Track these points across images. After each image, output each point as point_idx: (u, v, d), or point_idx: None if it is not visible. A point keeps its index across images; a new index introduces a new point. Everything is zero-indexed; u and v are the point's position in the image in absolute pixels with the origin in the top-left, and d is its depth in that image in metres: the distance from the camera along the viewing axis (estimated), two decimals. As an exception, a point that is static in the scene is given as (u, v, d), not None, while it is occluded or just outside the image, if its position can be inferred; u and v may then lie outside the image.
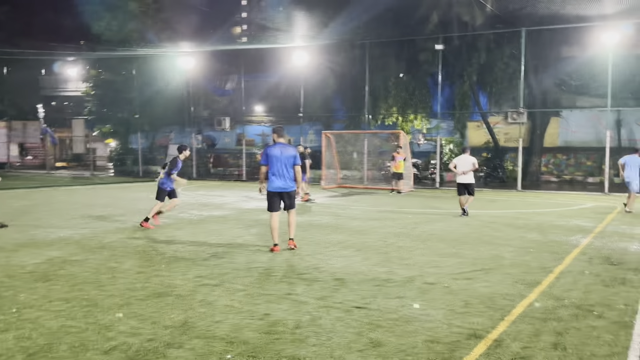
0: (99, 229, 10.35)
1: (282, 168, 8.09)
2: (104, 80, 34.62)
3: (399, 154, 20.12)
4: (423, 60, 27.34)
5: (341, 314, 5.11)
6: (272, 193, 8.26)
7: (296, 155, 8.28)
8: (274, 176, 8.14)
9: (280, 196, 8.26)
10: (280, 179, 8.14)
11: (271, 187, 8.23)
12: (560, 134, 29.08)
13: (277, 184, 8.16)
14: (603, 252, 8.42)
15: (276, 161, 8.08)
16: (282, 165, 8.09)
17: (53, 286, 6.04)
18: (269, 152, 8.13)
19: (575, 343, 4.39)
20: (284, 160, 8.10)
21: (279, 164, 8.08)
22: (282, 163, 8.10)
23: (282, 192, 8.22)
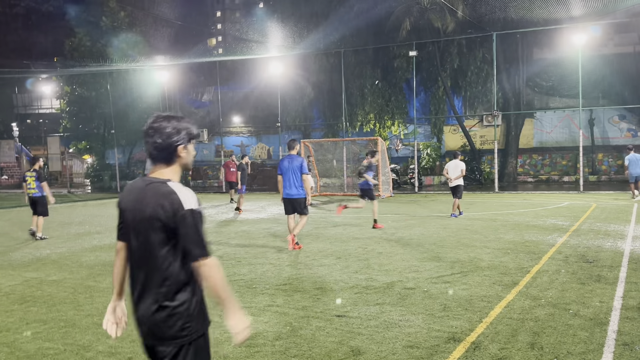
0: (76, 248, 10.21)
1: (290, 177, 9.02)
2: (78, 96, 34.23)
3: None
4: (398, 66, 27.71)
5: (322, 323, 5.13)
6: (284, 200, 9.24)
7: (302, 164, 9.06)
8: (285, 185, 9.10)
9: (290, 202, 9.13)
10: (289, 187, 9.06)
11: (283, 195, 9.20)
12: (535, 135, 29.63)
13: (286, 192, 9.11)
14: (579, 250, 8.59)
15: (286, 171, 9.06)
16: (291, 174, 9.01)
17: (30, 308, 5.94)
18: (280, 163, 9.23)
19: (552, 342, 4.48)
20: (292, 170, 9.02)
21: (288, 174, 9.05)
22: (291, 172, 9.02)
23: (291, 198, 9.09)
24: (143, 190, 2.47)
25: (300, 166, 9.04)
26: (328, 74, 29.24)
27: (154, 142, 2.48)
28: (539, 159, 29.50)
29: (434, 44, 26.80)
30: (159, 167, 2.52)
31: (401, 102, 29.34)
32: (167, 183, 2.44)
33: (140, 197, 2.46)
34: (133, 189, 2.55)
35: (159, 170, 2.52)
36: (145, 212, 2.41)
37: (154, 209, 2.38)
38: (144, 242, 2.44)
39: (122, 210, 2.58)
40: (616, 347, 4.31)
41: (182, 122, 2.53)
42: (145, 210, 2.41)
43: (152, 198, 2.41)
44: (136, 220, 2.46)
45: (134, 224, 2.47)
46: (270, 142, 35.93)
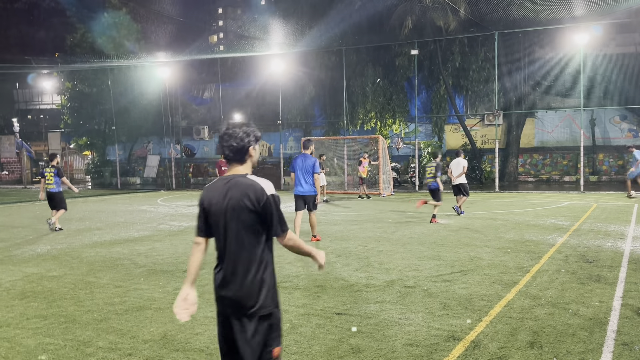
0: (76, 244, 10.22)
1: (303, 175, 9.56)
2: (79, 92, 34.26)
3: (365, 159, 20.37)
4: (399, 65, 27.69)
5: (322, 320, 5.14)
6: (296, 196, 9.77)
7: (315, 164, 9.62)
8: (297, 182, 9.65)
9: (302, 198, 9.66)
10: (301, 184, 9.62)
11: (295, 191, 9.75)
12: (536, 135, 29.62)
13: (298, 188, 9.67)
14: (579, 250, 8.59)
15: (298, 169, 9.61)
16: (303, 172, 9.55)
17: (30, 303, 5.95)
18: (293, 162, 9.77)
19: (551, 341, 4.48)
20: (304, 169, 9.55)
21: (301, 172, 9.58)
22: (303, 171, 9.56)
23: (303, 195, 9.65)
24: (226, 186, 2.91)
25: (313, 165, 9.58)
26: (329, 71, 29.22)
27: (229, 145, 2.94)
28: (540, 158, 29.50)
29: (436, 43, 26.78)
30: (234, 166, 2.99)
31: (402, 100, 29.32)
32: (247, 176, 2.92)
33: (225, 191, 2.88)
34: (215, 187, 2.96)
35: (234, 168, 2.99)
36: (233, 202, 2.84)
37: (240, 199, 2.83)
38: (233, 230, 2.86)
39: (206, 207, 2.95)
40: (615, 347, 4.32)
41: (249, 127, 2.99)
42: (233, 201, 2.84)
43: (237, 190, 2.85)
44: (224, 211, 2.86)
45: (223, 215, 2.88)
46: (271, 139, 35.90)
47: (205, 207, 2.95)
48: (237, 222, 2.85)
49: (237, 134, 2.95)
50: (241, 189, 2.86)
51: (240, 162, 2.99)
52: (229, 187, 2.89)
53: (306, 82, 30.23)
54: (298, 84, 29.97)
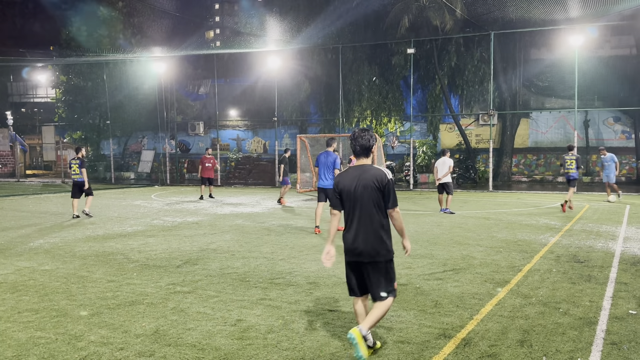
0: (69, 238, 10.19)
1: (324, 170, 10.42)
2: (74, 86, 34.05)
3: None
4: (395, 63, 27.70)
5: (314, 317, 5.15)
6: (319, 189, 10.68)
7: (335, 161, 10.38)
8: (320, 176, 10.52)
9: (324, 191, 10.52)
10: (323, 179, 10.47)
11: (318, 184, 10.68)
12: (530, 135, 29.72)
13: (320, 183, 10.56)
14: (570, 250, 8.65)
15: (322, 165, 10.45)
16: (325, 167, 10.41)
17: (22, 297, 5.94)
18: (318, 157, 10.64)
19: (541, 340, 4.52)
20: (326, 164, 10.40)
21: (323, 167, 10.44)
22: (325, 166, 10.41)
23: (325, 188, 10.41)
24: (358, 172, 4.18)
25: (334, 162, 10.41)
26: (326, 69, 29.21)
27: (360, 144, 4.24)
28: (534, 159, 29.61)
29: (432, 42, 26.82)
30: (362, 159, 4.27)
31: (398, 99, 29.35)
32: (373, 166, 4.20)
33: (358, 176, 4.16)
34: (348, 174, 4.24)
35: (362, 160, 4.27)
36: (364, 183, 4.10)
37: (370, 180, 4.10)
38: (364, 203, 4.12)
39: (341, 188, 4.22)
40: (604, 346, 4.36)
41: (371, 133, 4.30)
42: (364, 181, 4.11)
43: (367, 175, 4.13)
44: (356, 190, 4.14)
45: (355, 193, 4.15)
46: (267, 136, 35.87)
47: (340, 188, 4.22)
48: (366, 198, 4.10)
49: (365, 136, 4.24)
50: (370, 173, 4.12)
51: (366, 156, 4.26)
52: (360, 172, 4.15)
53: (302, 79, 30.20)
54: (294, 80, 29.93)
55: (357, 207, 4.14)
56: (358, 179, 4.13)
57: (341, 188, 4.22)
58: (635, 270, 7.08)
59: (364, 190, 4.10)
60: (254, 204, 17.67)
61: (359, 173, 4.15)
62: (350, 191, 4.16)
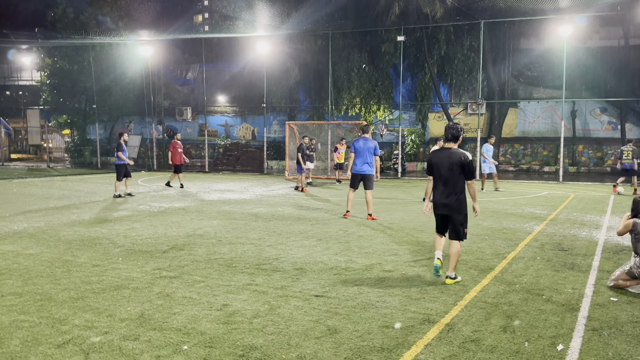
0: (54, 222, 10.09)
1: (365, 156, 10.60)
2: (59, 69, 33.53)
3: (342, 145, 20.42)
4: (385, 51, 27.62)
5: (300, 302, 5.17)
6: (354, 174, 10.80)
7: (376, 147, 10.65)
8: (356, 162, 10.68)
9: (361, 177, 10.71)
10: (361, 164, 10.63)
11: (354, 170, 10.76)
12: (518, 125, 29.92)
13: (357, 168, 10.69)
14: (555, 238, 8.75)
15: (361, 151, 10.60)
16: (366, 153, 10.59)
17: (5, 280, 5.88)
18: (355, 143, 10.71)
19: (524, 326, 4.58)
20: (367, 150, 10.58)
21: (363, 153, 10.60)
22: (366, 152, 10.59)
23: (362, 174, 10.67)
24: (448, 152, 5.92)
25: (375, 148, 10.67)
26: (315, 55, 29.05)
27: (452, 133, 5.96)
28: (521, 148, 29.84)
29: (422, 30, 26.76)
30: (450, 143, 5.99)
31: (387, 87, 29.31)
32: (459, 149, 5.92)
33: (449, 155, 5.91)
34: (441, 153, 6.01)
35: (451, 144, 5.99)
36: (453, 160, 5.85)
37: (458, 159, 5.83)
38: (451, 173, 5.87)
39: (435, 162, 6.02)
40: (585, 332, 4.43)
41: (460, 125, 6.11)
42: (453, 159, 5.85)
43: (455, 155, 5.86)
44: (446, 164, 5.88)
45: (445, 167, 5.89)
46: (255, 122, 35.70)
47: (434, 162, 6.04)
48: (453, 170, 5.87)
49: (456, 127, 6.03)
50: (457, 154, 5.88)
51: (455, 142, 6.01)
52: (450, 153, 5.92)
53: (291, 65, 30.01)
54: (283, 67, 29.74)
55: (445, 176, 5.91)
56: (449, 157, 5.91)
57: (434, 162, 6.03)
58: (618, 259, 7.18)
59: (452, 165, 5.86)
60: (242, 190, 17.62)
61: (449, 153, 5.94)
62: (442, 164, 5.93)
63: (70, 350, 3.95)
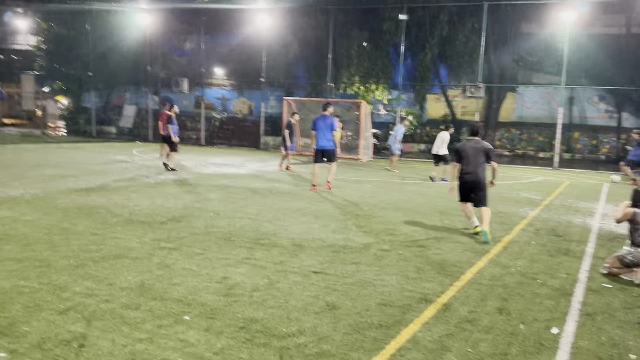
0: (50, 189, 10.06)
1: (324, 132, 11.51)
2: (55, 34, 32.96)
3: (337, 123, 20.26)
4: (387, 30, 27.34)
5: (299, 278, 5.22)
6: (317, 150, 11.68)
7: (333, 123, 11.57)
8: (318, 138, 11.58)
9: (322, 153, 11.68)
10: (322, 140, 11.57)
11: (317, 146, 11.61)
12: (515, 109, 29.89)
13: (319, 144, 11.60)
14: (549, 224, 8.84)
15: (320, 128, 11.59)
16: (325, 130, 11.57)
17: (4, 246, 5.88)
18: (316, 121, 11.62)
19: (519, 308, 4.66)
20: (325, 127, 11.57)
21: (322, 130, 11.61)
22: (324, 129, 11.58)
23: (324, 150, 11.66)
24: (475, 143, 7.75)
25: (332, 124, 11.53)
26: (315, 31, 28.70)
27: (475, 129, 8.08)
28: (517, 133, 29.88)
29: (425, 10, 26.46)
30: (475, 136, 7.93)
31: (387, 66, 29.08)
32: (482, 140, 7.86)
33: (475, 145, 7.72)
34: (469, 143, 7.77)
35: (476, 137, 7.91)
36: (479, 148, 7.66)
37: (483, 148, 7.66)
38: (478, 159, 7.62)
39: (464, 150, 7.70)
40: (580, 317, 4.51)
41: (480, 125, 9.13)
42: (478, 147, 7.66)
43: (480, 145, 7.70)
44: (473, 152, 7.64)
45: (472, 154, 7.63)
46: (253, 97, 35.41)
47: (462, 150, 7.70)
48: (479, 156, 7.59)
49: (479, 125, 8.34)
50: (481, 144, 7.66)
51: (479, 135, 7.94)
52: (476, 142, 7.70)
53: (291, 40, 29.66)
54: (283, 41, 29.38)
55: (474, 160, 7.65)
56: (475, 147, 7.71)
57: (464, 149, 7.73)
58: (612, 246, 7.28)
59: (477, 152, 7.66)
60: (238, 165, 17.59)
61: (475, 143, 7.76)
62: (470, 152, 7.68)
63: (72, 317, 3.99)
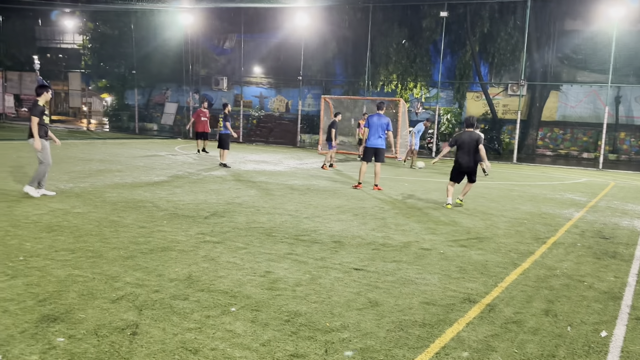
0: (98, 184, 10.42)
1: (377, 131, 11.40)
2: (101, 33, 34.02)
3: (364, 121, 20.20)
4: (426, 27, 27.08)
5: (340, 274, 5.26)
6: (367, 148, 11.54)
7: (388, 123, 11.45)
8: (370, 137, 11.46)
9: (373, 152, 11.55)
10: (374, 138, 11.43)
11: (368, 144, 11.53)
12: (559, 108, 29.12)
13: (370, 143, 11.47)
14: (595, 226, 8.61)
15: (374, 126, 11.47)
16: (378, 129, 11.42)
17: (58, 237, 6.14)
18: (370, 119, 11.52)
19: (566, 311, 4.57)
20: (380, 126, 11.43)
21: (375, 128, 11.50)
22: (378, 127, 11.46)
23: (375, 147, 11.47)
24: (470, 133, 9.55)
25: (387, 124, 11.39)
26: (354, 29, 28.67)
27: (470, 122, 9.76)
28: (560, 133, 29.11)
29: (466, 6, 26.08)
30: (470, 128, 9.67)
31: (426, 64, 28.80)
32: (474, 131, 9.68)
33: (469, 135, 9.51)
34: (464, 134, 9.61)
35: (470, 129, 9.67)
36: (473, 137, 9.48)
37: (474, 138, 9.48)
38: (470, 148, 9.46)
39: (460, 138, 9.59)
40: (629, 321, 4.40)
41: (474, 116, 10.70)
42: (473, 137, 9.48)
43: (473, 135, 9.52)
44: (467, 141, 9.48)
45: (466, 143, 9.49)
46: (290, 95, 35.65)
47: (458, 140, 9.58)
48: (471, 144, 9.44)
49: (473, 119, 9.82)
50: (474, 136, 9.49)
51: (473, 127, 9.68)
52: (470, 134, 9.51)
53: (329, 38, 29.72)
54: (321, 39, 29.47)
55: (467, 148, 9.45)
56: (469, 136, 9.48)
57: (460, 138, 9.57)
58: (662, 250, 7.04)
59: (471, 141, 9.44)
60: (276, 162, 17.77)
61: (470, 134, 9.52)
62: (464, 141, 9.47)
63: (124, 305, 4.14)
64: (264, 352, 3.48)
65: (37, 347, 3.38)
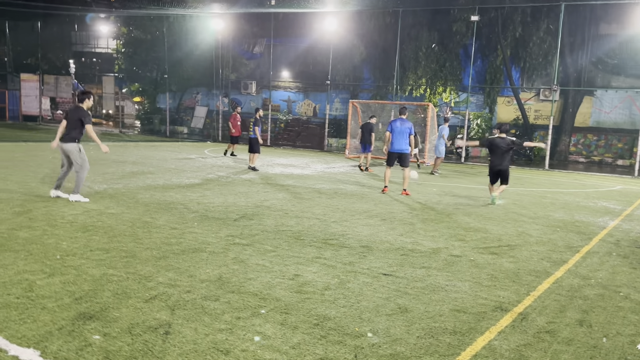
0: (131, 185, 10.63)
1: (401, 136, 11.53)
2: (134, 38, 34.78)
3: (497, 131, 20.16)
4: (456, 31, 26.81)
5: (369, 279, 5.25)
6: (390, 153, 11.66)
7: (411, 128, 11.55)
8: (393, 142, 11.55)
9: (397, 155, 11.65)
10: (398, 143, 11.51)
11: (391, 149, 11.61)
12: (593, 114, 28.44)
13: (393, 148, 11.55)
14: (631, 235, 8.38)
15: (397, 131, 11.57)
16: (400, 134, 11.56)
17: (92, 236, 6.29)
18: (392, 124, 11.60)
19: (601, 321, 4.46)
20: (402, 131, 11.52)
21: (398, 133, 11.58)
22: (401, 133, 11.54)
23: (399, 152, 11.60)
24: (500, 139, 10.60)
25: (410, 129, 11.49)
26: (383, 33, 28.59)
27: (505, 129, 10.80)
28: (594, 139, 28.41)
29: (497, 10, 25.76)
30: (501, 133, 10.70)
31: (456, 68, 28.50)
32: (508, 137, 10.65)
33: (502, 140, 10.58)
34: (498, 139, 10.64)
35: (502, 135, 10.65)
36: (506, 143, 10.54)
37: (506, 142, 10.55)
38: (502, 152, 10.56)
39: (494, 142, 10.68)
40: (668, 334, 4.26)
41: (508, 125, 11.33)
42: (505, 143, 10.55)
43: (504, 141, 10.56)
44: (501, 144, 10.55)
45: (499, 147, 10.55)
46: (317, 99, 35.76)
47: (491, 142, 10.72)
48: (504, 148, 10.50)
49: (507, 126, 10.95)
50: (505, 141, 10.54)
51: (505, 133, 10.64)
52: (501, 139, 10.58)
53: (358, 42, 29.71)
54: (349, 44, 29.49)
55: (500, 151, 10.50)
56: (503, 140, 10.48)
57: (493, 142, 10.61)
58: (702, 261, 6.80)
59: (504, 145, 10.44)
60: (304, 166, 17.83)
61: (502, 139, 10.50)
62: (498, 145, 10.49)
63: (157, 305, 4.22)
64: (294, 355, 3.49)
65: (73, 344, 3.47)
